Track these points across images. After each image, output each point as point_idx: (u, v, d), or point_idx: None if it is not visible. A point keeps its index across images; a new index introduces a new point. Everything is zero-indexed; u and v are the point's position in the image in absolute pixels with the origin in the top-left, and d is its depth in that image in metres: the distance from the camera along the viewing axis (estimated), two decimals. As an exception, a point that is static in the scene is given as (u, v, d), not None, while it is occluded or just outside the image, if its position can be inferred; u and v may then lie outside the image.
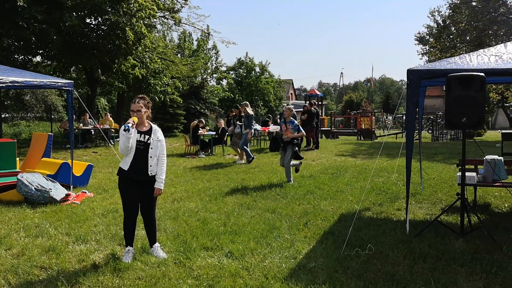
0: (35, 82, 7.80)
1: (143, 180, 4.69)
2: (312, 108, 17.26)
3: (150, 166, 4.70)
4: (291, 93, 67.89)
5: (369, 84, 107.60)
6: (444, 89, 5.59)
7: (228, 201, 7.66)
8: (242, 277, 4.26)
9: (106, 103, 30.09)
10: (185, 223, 6.19)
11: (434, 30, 43.12)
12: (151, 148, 4.69)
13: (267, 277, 4.28)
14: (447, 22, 33.24)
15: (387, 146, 18.73)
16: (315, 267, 4.52)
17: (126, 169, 4.63)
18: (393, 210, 6.95)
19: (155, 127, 4.83)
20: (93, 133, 18.56)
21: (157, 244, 4.93)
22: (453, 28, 31.13)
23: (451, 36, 30.78)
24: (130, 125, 4.44)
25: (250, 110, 13.09)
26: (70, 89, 8.35)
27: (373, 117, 28.10)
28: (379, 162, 12.91)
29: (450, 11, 29.30)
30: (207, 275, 4.29)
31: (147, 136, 4.69)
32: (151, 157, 4.69)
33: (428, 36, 49.31)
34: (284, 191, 8.46)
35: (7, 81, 7.17)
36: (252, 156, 12.94)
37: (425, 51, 47.92)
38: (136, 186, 4.68)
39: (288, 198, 7.84)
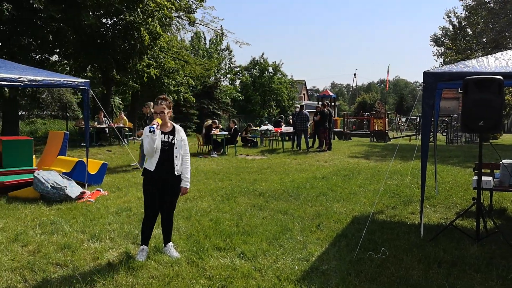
0: (52, 81, 7.89)
1: (169, 180, 4.74)
2: (325, 109, 17.21)
3: (176, 165, 4.76)
4: (304, 94, 67.75)
5: (382, 85, 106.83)
6: (460, 91, 5.57)
7: (240, 202, 7.67)
8: (255, 278, 4.27)
9: (121, 102, 30.34)
10: (198, 222, 6.22)
11: (449, 32, 42.69)
12: (176, 148, 4.75)
13: (279, 278, 4.27)
14: (463, 24, 32.91)
15: (401, 148, 18.59)
16: (328, 269, 4.51)
17: (152, 170, 4.68)
18: (407, 214, 6.89)
19: (177, 127, 4.90)
20: (107, 131, 18.73)
21: (170, 244, 4.96)
22: (469, 30, 30.79)
23: (467, 38, 30.45)
24: (155, 126, 4.50)
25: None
26: (86, 88, 8.43)
27: (387, 119, 27.91)
28: (392, 164, 12.81)
29: (467, 13, 28.97)
30: (219, 276, 4.30)
31: (171, 137, 4.75)
32: (176, 156, 4.75)
33: (443, 38, 48.81)
34: (296, 192, 8.45)
35: (25, 80, 7.27)
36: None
37: (440, 53, 47.44)
38: (161, 186, 4.73)
39: (301, 200, 7.82)
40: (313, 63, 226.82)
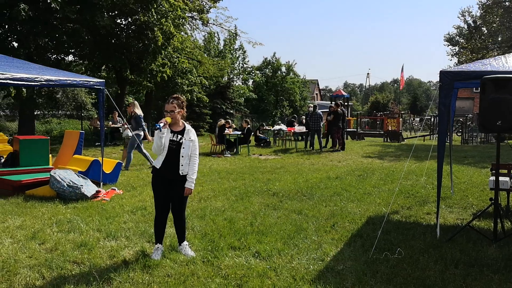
0: (68, 81, 7.98)
1: (174, 179, 4.75)
2: (339, 109, 17.12)
3: (182, 165, 4.74)
4: (316, 94, 67.57)
5: (396, 85, 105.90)
6: (475, 90, 5.49)
7: (254, 201, 7.67)
8: (270, 278, 4.27)
9: (134, 102, 30.59)
10: (212, 222, 6.24)
11: (464, 31, 42.25)
12: (183, 148, 4.74)
13: (295, 278, 4.27)
14: (478, 23, 32.56)
15: (415, 148, 18.39)
16: (343, 269, 4.49)
17: (158, 167, 4.72)
18: (423, 214, 6.82)
19: (188, 127, 4.89)
20: (121, 131, 18.87)
21: (185, 243, 4.98)
22: (484, 29, 30.44)
23: (482, 37, 30.11)
24: (161, 125, 4.50)
25: (138, 110, 11.54)
26: (102, 88, 8.50)
27: (401, 119, 27.65)
28: (407, 164, 12.70)
29: (482, 11, 28.64)
30: (235, 275, 4.31)
31: (179, 136, 4.75)
32: (182, 156, 4.74)
33: (458, 37, 48.32)
34: (310, 192, 8.43)
35: (42, 80, 7.37)
36: (127, 167, 11.31)
37: (454, 52, 46.96)
38: (167, 185, 4.75)
39: (315, 200, 7.80)
40: (326, 63, 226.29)
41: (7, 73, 6.92)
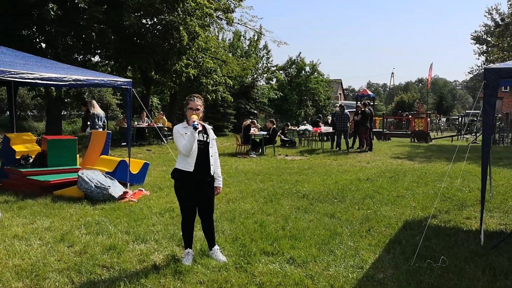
0: (96, 81, 7.92)
1: (203, 180, 4.57)
2: (366, 109, 16.74)
3: (212, 165, 4.59)
4: (340, 93, 66.90)
5: (421, 84, 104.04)
6: (504, 90, 5.13)
7: (284, 204, 7.45)
8: (307, 287, 4.04)
9: (158, 102, 30.71)
10: (243, 225, 6.04)
11: (492, 29, 41.14)
12: (211, 147, 4.59)
13: (333, 287, 4.04)
14: (506, 21, 31.62)
15: (445, 149, 17.95)
16: (384, 278, 4.23)
17: (191, 170, 4.46)
18: (462, 219, 6.48)
19: (207, 126, 4.74)
20: (147, 131, 18.92)
21: (216, 247, 4.79)
22: (512, 27, 29.56)
23: (513, 35, 29.23)
24: (196, 122, 4.34)
25: (94, 109, 10.80)
26: (129, 87, 8.42)
27: (428, 119, 26.96)
28: (439, 166, 12.29)
29: (514, 8, 27.76)
30: (270, 283, 4.09)
31: (205, 135, 4.59)
32: (211, 156, 4.59)
33: (485, 35, 47.12)
34: (341, 194, 8.16)
35: (71, 79, 7.32)
36: None
37: (482, 51, 45.80)
38: (197, 187, 4.57)
39: (346, 202, 7.53)
40: (349, 63, 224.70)
41: (36, 72, 6.89)
